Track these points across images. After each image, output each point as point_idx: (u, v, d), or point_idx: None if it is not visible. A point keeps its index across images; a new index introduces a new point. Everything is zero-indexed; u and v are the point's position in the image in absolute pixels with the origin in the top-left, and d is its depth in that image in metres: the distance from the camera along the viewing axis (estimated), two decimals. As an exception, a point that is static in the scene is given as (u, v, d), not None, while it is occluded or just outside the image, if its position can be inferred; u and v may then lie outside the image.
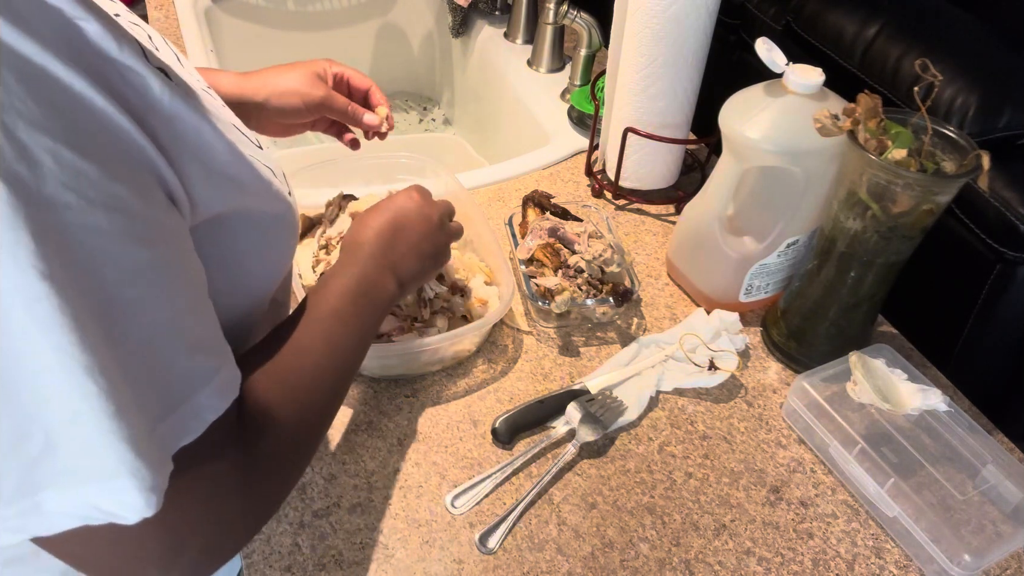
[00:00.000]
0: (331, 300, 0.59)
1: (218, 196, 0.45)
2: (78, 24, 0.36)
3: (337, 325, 0.57)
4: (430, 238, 0.68)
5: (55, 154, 0.33)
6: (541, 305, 0.80)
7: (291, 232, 0.55)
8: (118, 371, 0.36)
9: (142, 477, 0.37)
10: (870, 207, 0.69)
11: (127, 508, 0.37)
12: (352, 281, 0.60)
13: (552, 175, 1.06)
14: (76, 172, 0.34)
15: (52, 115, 0.34)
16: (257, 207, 0.49)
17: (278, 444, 0.49)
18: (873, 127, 0.68)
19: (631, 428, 0.75)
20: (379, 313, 0.62)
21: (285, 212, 0.52)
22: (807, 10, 1.09)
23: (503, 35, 1.36)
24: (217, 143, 0.44)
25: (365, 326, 0.60)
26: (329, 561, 0.63)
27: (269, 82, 0.78)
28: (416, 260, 0.66)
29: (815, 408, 0.73)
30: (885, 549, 0.68)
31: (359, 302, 0.60)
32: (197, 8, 1.36)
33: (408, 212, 0.67)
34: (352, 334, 0.58)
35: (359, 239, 0.64)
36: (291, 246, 0.57)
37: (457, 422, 0.74)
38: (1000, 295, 0.90)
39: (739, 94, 0.79)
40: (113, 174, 0.36)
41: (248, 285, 0.53)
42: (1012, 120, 0.92)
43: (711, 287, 0.86)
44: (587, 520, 0.68)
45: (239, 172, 0.47)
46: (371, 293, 0.61)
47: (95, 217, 0.35)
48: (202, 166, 0.43)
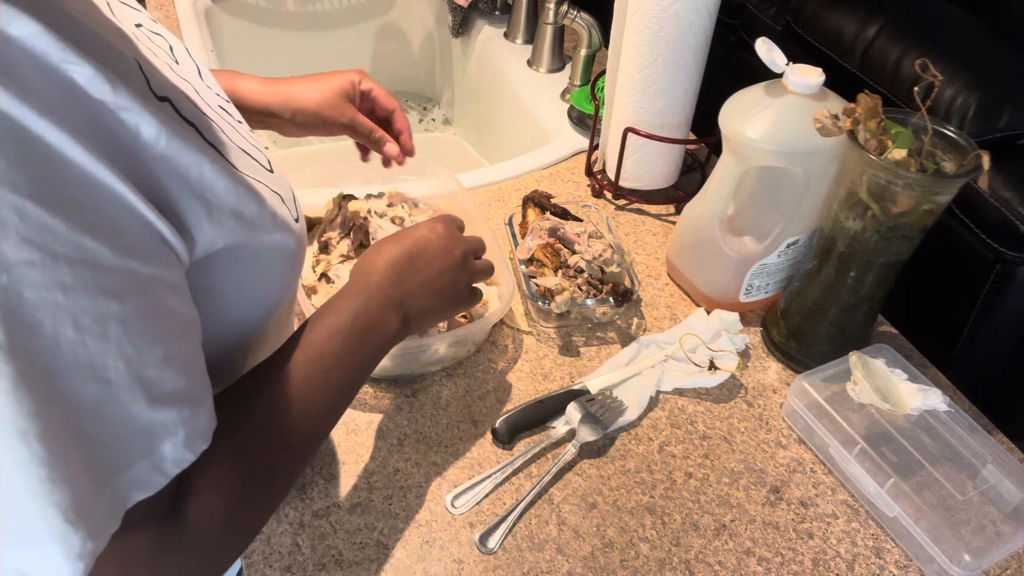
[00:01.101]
0: (318, 340, 0.54)
1: (220, 232, 0.43)
2: (65, 69, 0.35)
3: (318, 376, 0.52)
4: (448, 274, 0.63)
5: (20, 210, 0.32)
6: (541, 305, 0.80)
7: (294, 260, 0.52)
8: (65, 431, 0.35)
9: (70, 544, 0.36)
10: (870, 207, 0.69)
11: (52, 574, 0.36)
12: (348, 318, 0.55)
13: (552, 175, 1.06)
14: (41, 227, 0.33)
15: (18, 168, 0.32)
16: (262, 239, 0.47)
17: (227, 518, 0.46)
18: (873, 127, 0.68)
19: (631, 428, 0.75)
20: (374, 354, 0.58)
21: (287, 241, 0.49)
22: (807, 10, 1.09)
23: (503, 35, 1.36)
24: (219, 179, 0.42)
25: (353, 372, 0.55)
26: (329, 561, 0.63)
27: (295, 97, 0.75)
28: (428, 296, 0.62)
29: (815, 408, 0.73)
30: (885, 549, 0.68)
31: (351, 343, 0.55)
32: (197, 8, 1.36)
33: (427, 244, 0.63)
34: (335, 384, 0.54)
35: (369, 268, 0.60)
36: (293, 276, 0.53)
37: (457, 422, 0.74)
38: (1000, 295, 0.90)
39: (739, 94, 0.79)
40: (84, 227, 0.34)
41: (247, 313, 0.51)
42: (1012, 120, 0.91)
43: (711, 287, 0.86)
44: (587, 520, 0.68)
45: (243, 206, 0.44)
46: (367, 333, 0.56)
47: (59, 272, 0.34)
48: (202, 204, 0.41)
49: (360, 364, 0.56)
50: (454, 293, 0.64)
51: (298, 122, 0.76)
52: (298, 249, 0.52)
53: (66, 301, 0.34)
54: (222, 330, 0.49)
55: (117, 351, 0.37)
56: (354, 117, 0.77)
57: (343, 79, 0.78)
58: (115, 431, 0.37)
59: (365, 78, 0.79)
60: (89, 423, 0.36)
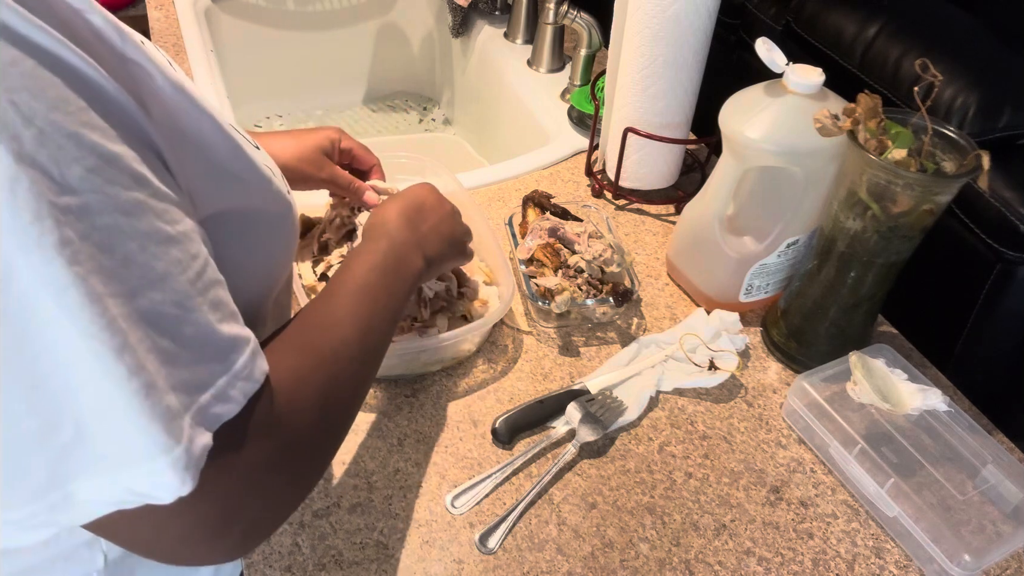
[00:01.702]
0: (358, 275, 0.59)
1: (219, 192, 0.45)
2: (85, 16, 0.37)
3: (365, 299, 0.57)
4: (449, 221, 0.69)
5: (76, 138, 0.34)
6: (541, 305, 0.80)
7: (291, 232, 0.55)
8: (150, 349, 0.36)
9: (176, 456, 0.37)
10: (870, 207, 0.69)
11: (162, 488, 0.37)
12: (379, 256, 0.61)
13: (552, 175, 1.06)
14: (98, 155, 0.35)
15: (70, 101, 0.34)
16: (258, 206, 0.49)
17: (312, 418, 0.48)
18: (873, 127, 0.68)
19: (631, 428, 0.75)
20: (407, 288, 0.62)
21: (286, 211, 0.52)
22: (807, 10, 1.09)
23: (503, 35, 1.36)
24: (218, 139, 0.44)
25: (393, 300, 0.60)
26: (329, 561, 0.63)
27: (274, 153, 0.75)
28: (439, 240, 0.67)
29: (815, 408, 0.73)
30: (885, 549, 0.68)
31: (388, 276, 0.60)
32: (197, 8, 1.36)
33: (425, 199, 0.69)
34: (380, 308, 0.58)
35: (382, 220, 0.65)
36: (292, 245, 0.57)
37: (457, 422, 0.74)
38: (1000, 295, 0.90)
39: (739, 94, 0.79)
40: (132, 156, 0.36)
41: (249, 284, 0.52)
42: (1012, 120, 0.92)
43: (711, 287, 0.86)
44: (587, 520, 0.68)
45: (241, 169, 0.46)
46: (399, 267, 0.62)
47: (119, 199, 0.35)
48: (204, 161, 0.43)
49: (397, 294, 0.61)
50: (457, 240, 0.71)
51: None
52: (293, 221, 0.55)
53: (130, 225, 0.36)
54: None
55: (183, 275, 0.38)
56: (332, 171, 0.79)
57: (321, 136, 0.79)
58: (194, 350, 0.39)
59: (344, 136, 0.81)
60: (170, 343, 0.38)
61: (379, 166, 0.82)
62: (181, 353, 0.38)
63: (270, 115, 1.58)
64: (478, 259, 0.86)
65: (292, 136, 0.79)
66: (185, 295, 0.38)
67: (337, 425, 0.53)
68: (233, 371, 0.41)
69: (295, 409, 0.46)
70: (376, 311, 0.58)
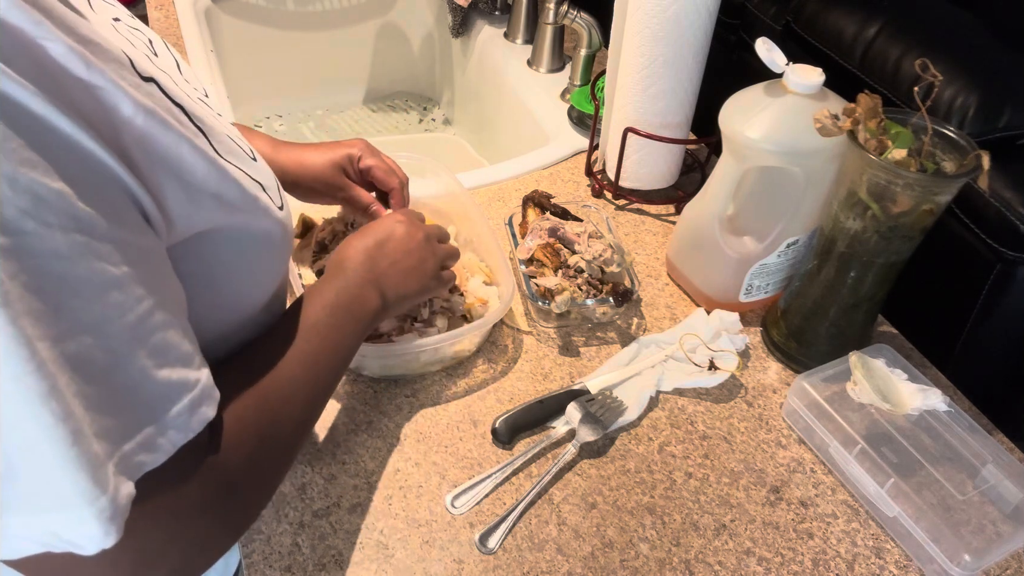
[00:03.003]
0: (310, 313, 0.58)
1: (199, 214, 0.44)
2: (41, 44, 0.35)
3: (315, 338, 0.57)
4: (415, 256, 0.68)
5: (11, 179, 0.33)
6: (541, 305, 0.80)
7: (280, 248, 0.54)
8: (79, 396, 0.36)
9: (101, 507, 0.36)
10: (870, 207, 0.69)
11: (85, 538, 0.37)
12: (332, 295, 0.60)
13: (552, 175, 1.06)
14: (34, 197, 0.33)
15: (8, 139, 0.33)
16: (243, 224, 0.48)
17: (251, 460, 0.48)
18: (873, 127, 0.68)
19: (631, 428, 0.75)
20: (360, 327, 0.62)
21: (273, 229, 0.51)
22: (807, 10, 1.09)
23: (503, 35, 1.36)
24: (197, 161, 0.43)
25: (345, 339, 0.60)
26: (329, 561, 0.63)
27: (291, 170, 0.75)
28: (400, 277, 0.67)
29: (815, 408, 0.73)
30: (885, 549, 0.68)
31: (338, 315, 0.60)
32: (197, 8, 1.36)
33: (392, 232, 0.68)
34: (330, 346, 0.58)
35: (342, 258, 0.65)
36: (281, 262, 0.56)
37: (457, 422, 0.74)
38: (1000, 295, 0.90)
39: (739, 94, 0.79)
40: (75, 196, 0.35)
41: (235, 302, 0.52)
42: (1012, 120, 0.91)
43: (711, 287, 0.86)
44: (587, 520, 0.68)
45: (222, 190, 0.45)
46: (352, 306, 0.61)
47: (54, 241, 0.34)
48: (180, 184, 0.42)
49: (349, 333, 0.60)
50: (423, 273, 0.69)
51: (297, 192, 0.77)
52: (283, 237, 0.53)
53: (63, 269, 0.35)
54: (215, 318, 0.50)
55: (119, 320, 0.38)
56: (349, 191, 0.77)
57: (341, 153, 0.77)
58: (123, 398, 0.38)
59: (367, 153, 0.78)
60: (98, 389, 0.37)
61: (399, 191, 0.78)
62: (109, 400, 0.37)
63: (270, 115, 1.58)
64: (478, 259, 0.86)
65: (315, 150, 0.77)
66: (120, 341, 0.38)
67: (275, 465, 0.52)
68: (164, 420, 0.40)
69: (231, 452, 0.46)
70: (325, 349, 0.57)
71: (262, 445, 0.49)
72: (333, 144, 0.78)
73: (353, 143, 0.78)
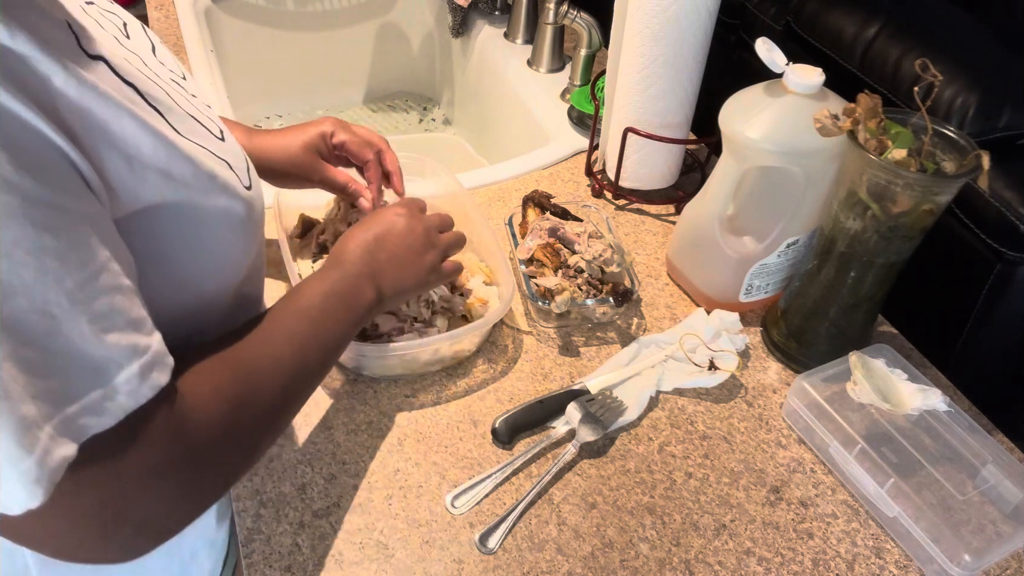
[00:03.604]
0: (303, 299, 0.59)
1: (145, 188, 0.44)
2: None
3: (305, 322, 0.57)
4: (414, 250, 0.68)
5: None
6: (541, 305, 0.80)
7: (245, 228, 0.54)
8: (11, 358, 0.36)
9: (25, 468, 0.37)
10: (870, 207, 0.69)
11: (8, 499, 0.37)
12: (328, 284, 0.61)
13: (552, 175, 1.06)
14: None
15: None
16: (200, 202, 0.48)
17: (222, 432, 0.48)
18: (873, 127, 0.68)
19: (631, 428, 0.75)
20: (354, 318, 0.62)
21: (234, 207, 0.51)
22: (807, 10, 1.09)
23: (503, 35, 1.36)
24: (142, 136, 0.44)
25: (336, 328, 0.60)
26: (329, 561, 0.63)
27: (265, 154, 0.76)
28: (398, 271, 0.67)
29: (815, 408, 0.73)
30: (885, 549, 0.68)
31: (332, 303, 0.60)
32: (197, 8, 1.36)
33: (392, 226, 0.68)
34: (321, 333, 0.58)
35: (341, 252, 0.65)
36: (249, 241, 0.55)
37: (457, 422, 0.74)
38: (1000, 295, 0.90)
39: (739, 94, 0.79)
40: (6, 159, 0.36)
41: (197, 280, 0.52)
42: (1012, 120, 0.91)
43: (711, 287, 0.86)
44: (587, 520, 0.68)
45: (172, 166, 0.46)
46: (346, 297, 0.62)
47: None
48: (122, 157, 0.43)
49: (341, 322, 0.61)
50: (422, 268, 0.69)
51: (271, 177, 0.77)
52: (249, 216, 0.53)
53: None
54: (175, 295, 0.50)
55: (56, 284, 0.38)
56: (324, 173, 0.77)
57: (313, 133, 0.77)
58: (65, 361, 0.38)
59: (339, 129, 0.78)
60: (35, 354, 0.37)
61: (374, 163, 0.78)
62: (48, 363, 0.38)
63: (270, 115, 1.58)
64: (478, 259, 0.86)
65: (286, 134, 0.77)
66: (58, 304, 0.38)
67: (250, 441, 0.52)
68: (112, 384, 0.40)
69: (200, 421, 0.46)
70: (316, 335, 0.58)
71: (236, 418, 0.49)
72: (303, 125, 0.78)
73: (323, 121, 0.78)
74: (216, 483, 0.50)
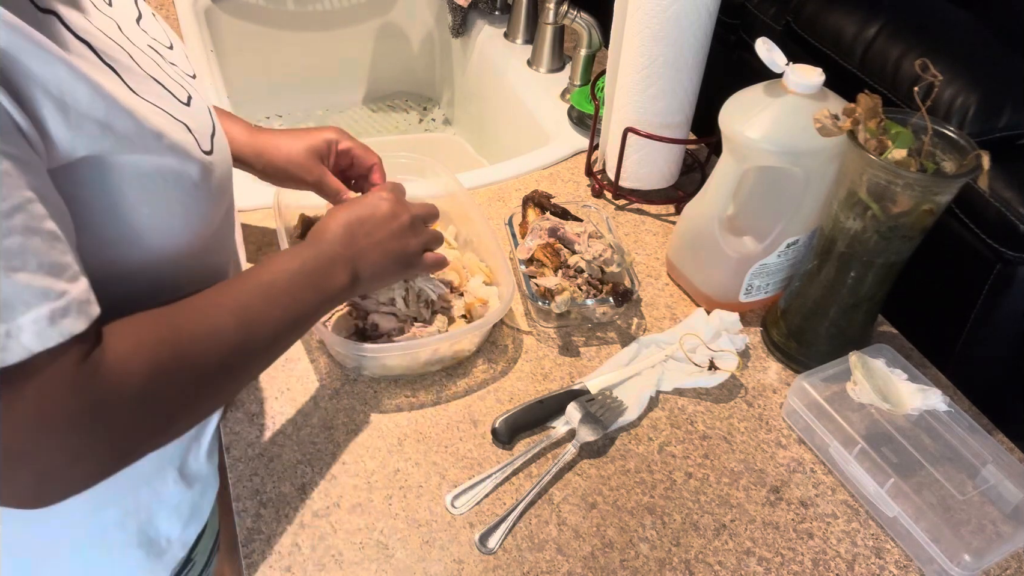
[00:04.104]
0: (266, 273, 0.58)
1: (82, 138, 0.45)
2: None
3: (260, 297, 0.57)
4: (397, 237, 0.68)
5: None
6: (541, 305, 0.80)
7: (200, 191, 0.54)
8: None
9: None
10: (870, 207, 0.69)
11: None
12: (297, 262, 0.61)
13: (552, 175, 1.06)
14: None
15: None
16: (147, 159, 0.49)
17: (137, 394, 0.48)
18: (873, 127, 0.68)
19: (631, 428, 0.75)
20: (322, 300, 0.62)
21: (187, 169, 0.52)
22: (807, 10, 1.09)
23: (503, 35, 1.36)
24: (79, 86, 0.44)
25: (298, 307, 0.59)
26: (329, 561, 0.63)
27: (267, 151, 0.76)
28: (378, 257, 0.67)
29: (815, 408, 0.73)
30: (885, 549, 0.68)
31: (298, 282, 0.60)
32: (197, 8, 1.36)
33: (376, 210, 0.68)
34: (277, 310, 0.57)
35: (323, 230, 0.65)
36: (204, 206, 0.55)
37: (457, 422, 0.74)
38: (1000, 295, 0.90)
39: (739, 94, 0.79)
40: None
41: (141, 239, 0.52)
42: (1012, 120, 0.91)
43: (711, 287, 0.86)
44: (587, 520, 0.68)
45: (112, 119, 0.46)
46: (316, 277, 0.61)
47: None
48: (58, 105, 0.43)
49: (304, 303, 0.60)
50: (403, 255, 0.69)
51: (268, 174, 0.78)
52: (204, 180, 0.53)
53: None
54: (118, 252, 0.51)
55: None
56: (322, 177, 0.77)
57: (318, 137, 0.78)
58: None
59: (343, 137, 0.79)
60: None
61: (379, 165, 0.81)
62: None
63: (270, 115, 1.58)
64: (478, 259, 0.86)
65: (292, 137, 0.78)
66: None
67: (169, 408, 0.51)
68: (16, 323, 0.41)
69: (113, 376, 0.46)
70: (270, 312, 0.57)
71: (156, 382, 0.49)
72: (309, 130, 0.79)
73: (328, 128, 0.79)
74: (127, 445, 0.49)
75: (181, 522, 0.69)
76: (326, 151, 0.78)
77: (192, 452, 0.68)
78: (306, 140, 0.77)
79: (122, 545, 0.66)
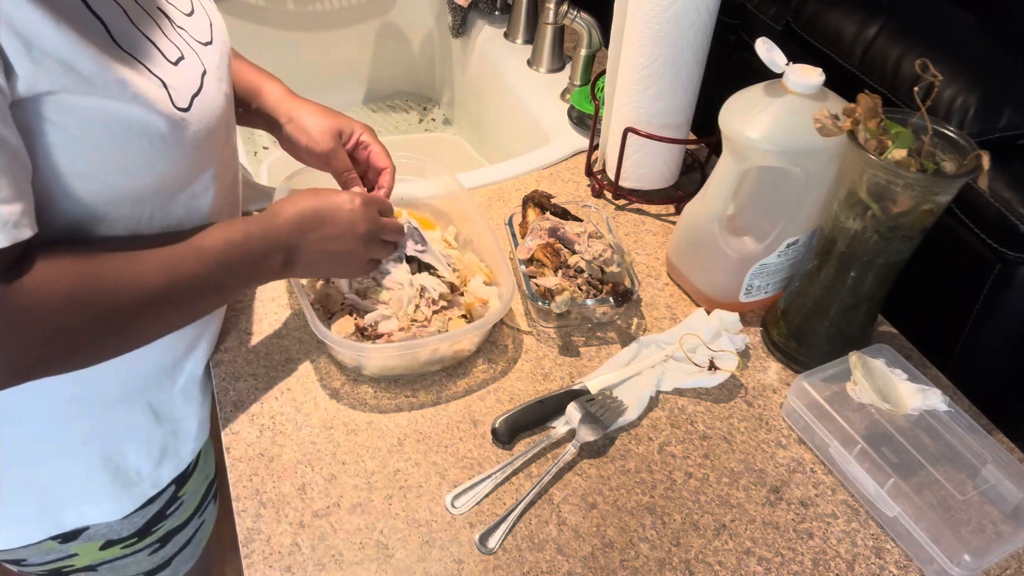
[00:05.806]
0: (207, 237, 0.61)
1: (44, 75, 0.48)
2: None
3: (192, 260, 0.59)
4: (346, 244, 0.69)
5: None
6: (541, 305, 0.80)
7: (167, 144, 0.56)
8: None
9: None
10: (870, 207, 0.69)
11: None
12: (241, 236, 0.63)
13: (552, 175, 1.06)
14: None
15: None
16: (110, 104, 0.52)
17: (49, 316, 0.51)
18: (873, 127, 0.68)
19: (631, 428, 0.75)
20: (251, 276, 0.66)
21: (153, 121, 0.54)
22: (807, 10, 1.09)
23: (503, 35, 1.36)
24: (44, 24, 0.47)
25: (226, 278, 0.62)
26: (329, 561, 0.63)
27: (296, 117, 0.78)
28: (319, 255, 0.68)
29: (815, 408, 0.73)
30: (885, 549, 0.68)
31: (232, 255, 0.62)
32: (197, 8, 1.36)
33: (338, 211, 0.68)
34: (205, 275, 0.60)
35: (279, 210, 0.67)
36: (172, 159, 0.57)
37: (457, 422, 0.74)
38: (1000, 295, 0.90)
39: (739, 94, 0.79)
40: None
41: (101, 175, 0.55)
42: (1012, 120, 0.91)
43: (711, 287, 0.86)
44: (587, 520, 0.68)
45: (75, 61, 0.49)
46: (252, 255, 0.64)
47: None
48: (22, 41, 0.47)
49: (234, 275, 0.63)
50: (345, 261, 0.71)
51: (290, 141, 0.79)
52: (173, 134, 0.56)
53: None
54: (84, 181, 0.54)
55: None
56: (335, 152, 0.78)
57: (345, 122, 0.79)
58: None
59: (369, 134, 0.81)
60: None
61: (390, 173, 0.80)
62: None
63: (270, 115, 1.58)
64: (478, 259, 0.86)
65: (324, 111, 0.79)
66: None
67: (79, 337, 0.54)
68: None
69: (29, 296, 0.49)
70: (198, 275, 0.60)
71: (68, 307, 0.52)
72: (338, 114, 0.81)
73: (358, 122, 0.81)
74: (24, 362, 0.52)
75: (152, 459, 0.72)
76: (348, 135, 0.79)
77: (164, 388, 0.71)
78: (335, 119, 0.79)
79: (87, 462, 0.69)
